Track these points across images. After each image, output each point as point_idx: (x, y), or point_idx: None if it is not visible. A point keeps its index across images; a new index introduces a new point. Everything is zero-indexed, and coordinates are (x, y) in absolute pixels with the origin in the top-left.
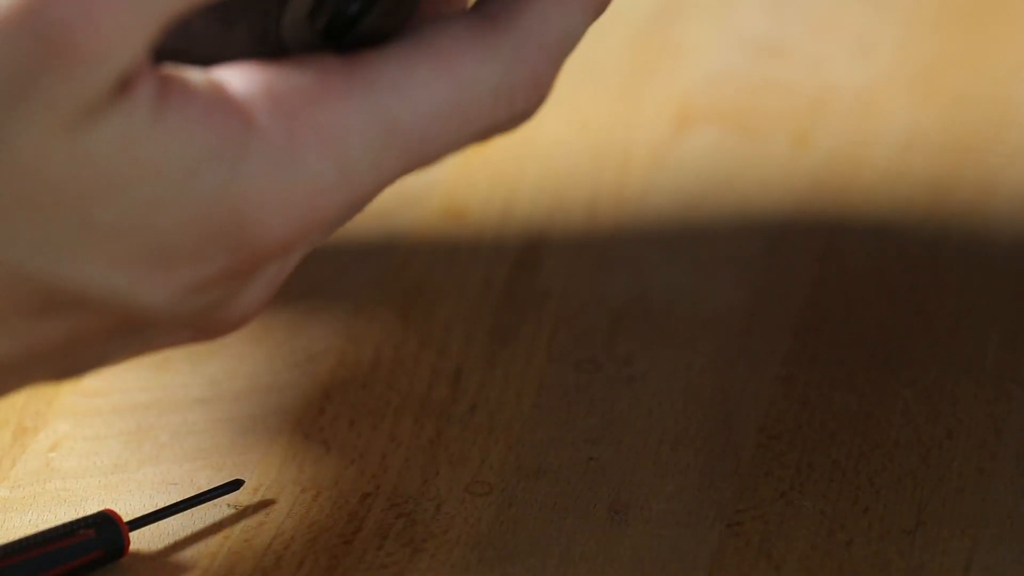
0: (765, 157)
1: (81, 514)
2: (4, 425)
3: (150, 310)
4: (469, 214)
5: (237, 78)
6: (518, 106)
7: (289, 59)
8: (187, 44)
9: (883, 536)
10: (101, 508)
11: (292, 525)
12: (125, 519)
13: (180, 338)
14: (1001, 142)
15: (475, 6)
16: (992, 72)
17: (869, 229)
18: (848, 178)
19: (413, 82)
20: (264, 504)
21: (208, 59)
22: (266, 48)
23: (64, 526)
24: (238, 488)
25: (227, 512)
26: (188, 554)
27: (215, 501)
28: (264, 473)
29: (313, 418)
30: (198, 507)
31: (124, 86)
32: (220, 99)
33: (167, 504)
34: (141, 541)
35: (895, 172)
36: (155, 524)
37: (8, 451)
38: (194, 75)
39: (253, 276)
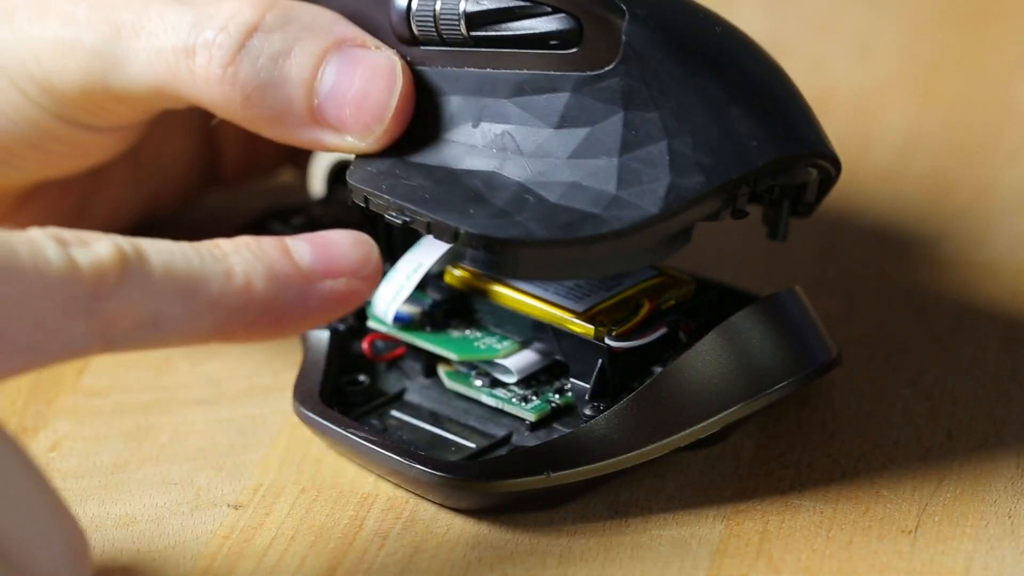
0: None
1: (81, 515)
2: (4, 426)
3: None
4: None
5: None
6: None
7: None
8: None
9: (883, 536)
10: (101, 508)
11: (292, 525)
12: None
13: None
14: (1001, 142)
15: None
16: (992, 72)
17: (869, 229)
18: (848, 178)
19: None
20: (264, 504)
21: None
22: None
23: None
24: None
25: (227, 512)
26: (188, 554)
27: (215, 501)
28: (264, 473)
29: None
30: (198, 507)
31: None
32: None
33: None
34: (141, 541)
35: (895, 172)
36: (155, 524)
37: None
38: None
39: None
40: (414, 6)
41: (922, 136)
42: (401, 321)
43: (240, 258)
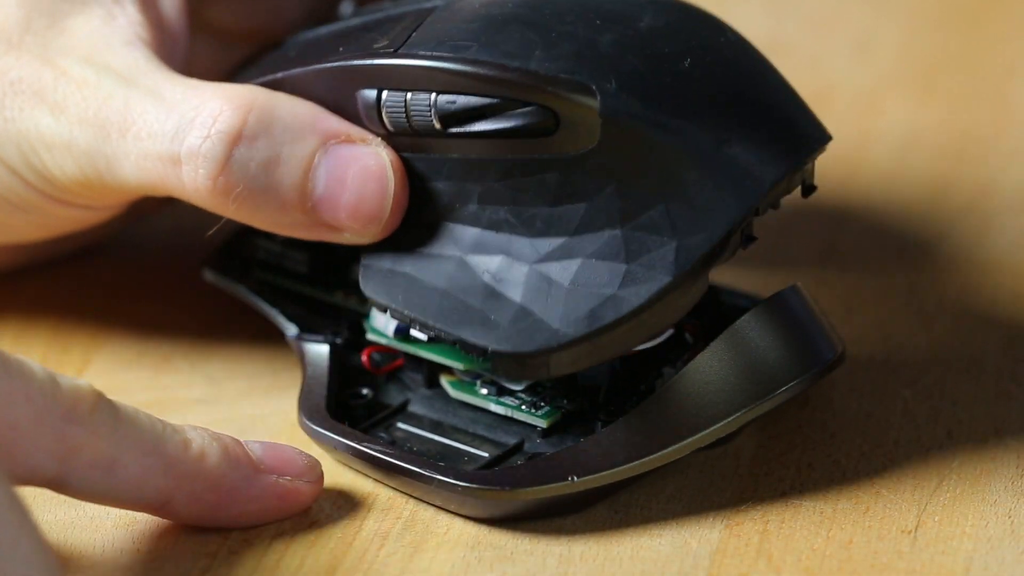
0: None
1: (81, 515)
2: None
3: None
4: None
5: None
6: None
7: None
8: None
9: (883, 536)
10: (101, 508)
11: (292, 525)
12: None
13: None
14: (1001, 142)
15: None
16: (992, 72)
17: (869, 229)
18: (848, 178)
19: None
20: None
21: None
22: None
23: None
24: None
25: None
26: (188, 554)
27: None
28: None
29: None
30: None
31: None
32: None
33: None
34: (141, 540)
35: (895, 172)
36: (155, 524)
37: None
38: None
39: None
40: (384, 98)
41: (922, 136)
42: (402, 333)
43: (196, 434)
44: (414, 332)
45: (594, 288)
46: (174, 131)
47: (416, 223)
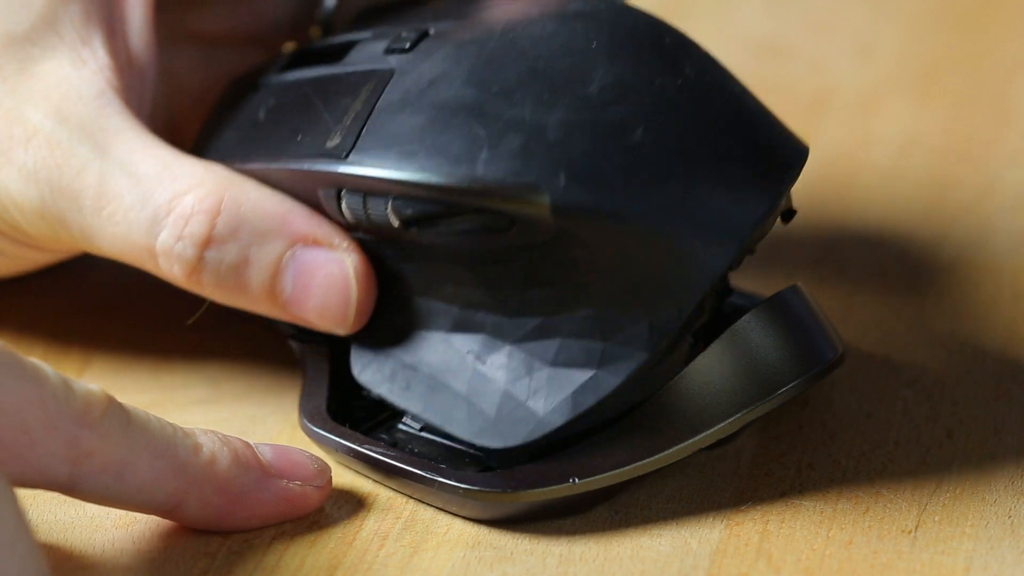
0: None
1: (81, 515)
2: None
3: None
4: None
5: None
6: None
7: None
8: None
9: (883, 536)
10: (101, 508)
11: (292, 525)
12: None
13: None
14: (1001, 142)
15: None
16: (992, 72)
17: (869, 229)
18: (848, 178)
19: None
20: None
21: None
22: None
23: None
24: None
25: None
26: (188, 554)
27: None
28: None
29: None
30: None
31: None
32: None
33: None
34: (141, 541)
35: (895, 172)
36: (155, 524)
37: None
38: None
39: None
40: (343, 196)
41: (922, 136)
42: None
43: (207, 439)
44: (407, 420)
45: (574, 368)
46: (149, 223)
47: (399, 301)
